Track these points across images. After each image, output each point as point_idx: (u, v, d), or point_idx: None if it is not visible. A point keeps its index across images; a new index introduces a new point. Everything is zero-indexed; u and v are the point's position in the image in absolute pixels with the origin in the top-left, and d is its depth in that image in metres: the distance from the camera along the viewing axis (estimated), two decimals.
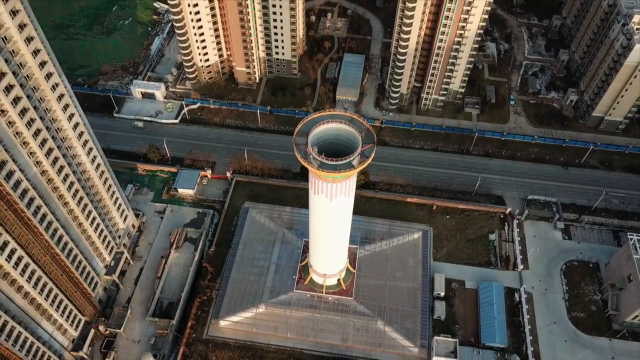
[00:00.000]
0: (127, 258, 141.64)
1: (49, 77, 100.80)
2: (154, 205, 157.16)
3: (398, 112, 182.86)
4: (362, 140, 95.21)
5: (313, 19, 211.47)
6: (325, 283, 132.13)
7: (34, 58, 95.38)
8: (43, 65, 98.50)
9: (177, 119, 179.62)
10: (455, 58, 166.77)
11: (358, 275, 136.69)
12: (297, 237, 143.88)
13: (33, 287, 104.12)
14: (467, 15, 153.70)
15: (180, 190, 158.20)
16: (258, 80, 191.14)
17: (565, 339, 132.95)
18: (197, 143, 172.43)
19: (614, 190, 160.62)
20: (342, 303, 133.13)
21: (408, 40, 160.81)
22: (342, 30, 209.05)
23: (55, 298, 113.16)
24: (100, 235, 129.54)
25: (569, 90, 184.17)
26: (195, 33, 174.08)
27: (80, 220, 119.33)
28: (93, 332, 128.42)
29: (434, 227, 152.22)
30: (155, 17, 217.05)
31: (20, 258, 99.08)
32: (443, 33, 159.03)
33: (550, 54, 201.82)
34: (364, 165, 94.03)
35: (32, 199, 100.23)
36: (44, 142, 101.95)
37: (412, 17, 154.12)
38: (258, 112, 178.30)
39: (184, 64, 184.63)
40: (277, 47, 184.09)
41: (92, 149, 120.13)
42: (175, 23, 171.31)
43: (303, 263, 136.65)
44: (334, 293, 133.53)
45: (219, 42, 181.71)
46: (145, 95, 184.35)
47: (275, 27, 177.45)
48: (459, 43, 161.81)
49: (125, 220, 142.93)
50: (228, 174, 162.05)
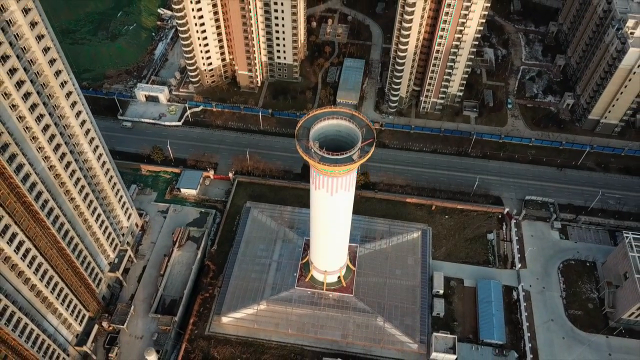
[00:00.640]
0: (130, 256, 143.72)
1: (58, 74, 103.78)
2: (157, 205, 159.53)
3: (397, 115, 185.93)
4: (362, 136, 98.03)
5: (314, 25, 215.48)
6: (326, 280, 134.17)
7: (44, 55, 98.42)
8: (53, 63, 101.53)
9: (180, 122, 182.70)
10: (454, 62, 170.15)
11: (358, 273, 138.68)
12: (298, 235, 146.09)
13: (40, 279, 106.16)
14: (464, 20, 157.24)
15: (183, 191, 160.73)
16: (260, 84, 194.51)
17: (563, 336, 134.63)
18: (200, 145, 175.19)
19: (610, 192, 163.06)
20: (342, 300, 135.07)
21: (407, 44, 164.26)
22: (342, 36, 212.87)
23: (61, 292, 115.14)
24: (105, 232, 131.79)
25: (566, 94, 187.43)
26: (199, 37, 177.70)
27: (86, 217, 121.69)
28: (97, 327, 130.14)
29: (433, 226, 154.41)
30: (159, 23, 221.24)
31: (28, 250, 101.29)
32: (441, 37, 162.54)
33: (547, 59, 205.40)
34: (364, 160, 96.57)
35: (40, 193, 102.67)
36: (52, 137, 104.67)
37: (411, 20, 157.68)
38: (260, 114, 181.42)
39: (188, 68, 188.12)
40: (278, 51, 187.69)
41: (98, 147, 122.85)
42: (179, 27, 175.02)
43: (304, 261, 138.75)
44: (335, 290, 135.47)
45: (222, 46, 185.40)
46: (149, 98, 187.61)
47: (277, 31, 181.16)
48: (457, 47, 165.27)
49: (129, 219, 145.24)
50: (230, 175, 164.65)
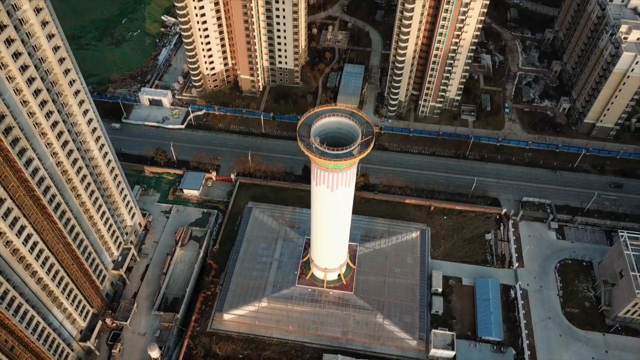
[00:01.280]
0: (134, 254, 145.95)
1: (67, 72, 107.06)
2: (160, 206, 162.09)
3: (397, 119, 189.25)
4: (362, 133, 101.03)
5: (315, 32, 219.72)
6: (326, 278, 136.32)
7: (54, 53, 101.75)
8: (62, 62, 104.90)
9: (183, 125, 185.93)
10: (451, 66, 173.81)
11: (358, 272, 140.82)
12: (298, 235, 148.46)
13: (46, 273, 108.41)
14: (461, 24, 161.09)
15: (186, 191, 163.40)
16: (262, 89, 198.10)
17: (560, 334, 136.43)
18: (202, 147, 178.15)
19: (606, 193, 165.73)
20: (342, 297, 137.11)
21: (406, 49, 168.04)
22: (342, 42, 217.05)
23: (66, 287, 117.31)
24: (109, 230, 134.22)
25: (562, 99, 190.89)
26: (202, 42, 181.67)
27: (91, 213, 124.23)
28: (100, 324, 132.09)
29: (432, 227, 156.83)
30: (163, 29, 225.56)
31: (36, 243, 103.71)
32: (439, 42, 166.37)
33: (544, 65, 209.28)
34: (364, 154, 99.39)
35: (48, 187, 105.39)
36: (61, 134, 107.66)
37: (409, 25, 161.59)
38: (262, 118, 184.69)
39: (191, 72, 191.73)
40: (280, 56, 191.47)
41: (104, 145, 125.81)
42: (183, 32, 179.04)
43: (304, 259, 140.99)
44: (335, 288, 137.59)
45: (225, 51, 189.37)
46: (153, 102, 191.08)
47: (279, 37, 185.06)
48: (455, 51, 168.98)
49: (133, 218, 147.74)
50: (232, 176, 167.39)
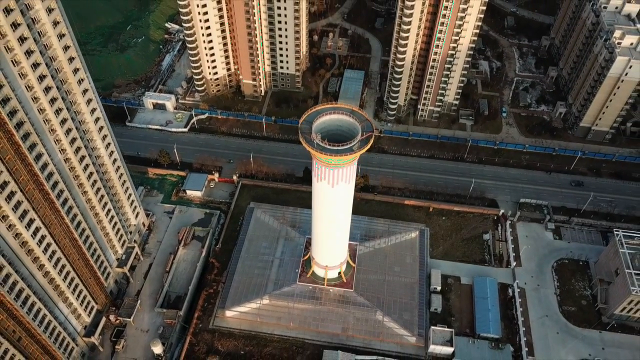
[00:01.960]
0: (137, 253, 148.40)
1: (76, 72, 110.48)
2: (164, 206, 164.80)
3: (396, 122, 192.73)
4: (362, 130, 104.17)
5: (316, 39, 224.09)
6: (327, 276, 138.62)
7: (64, 52, 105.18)
8: (72, 61, 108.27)
9: (186, 128, 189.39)
10: (449, 71, 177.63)
11: (358, 270, 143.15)
12: (299, 234, 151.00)
13: (53, 266, 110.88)
14: (459, 29, 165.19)
15: (189, 192, 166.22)
16: (263, 93, 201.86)
17: (557, 331, 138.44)
18: (205, 150, 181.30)
19: (602, 195, 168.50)
20: (342, 295, 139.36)
21: (405, 53, 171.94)
22: (343, 49, 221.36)
23: (72, 281, 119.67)
24: (114, 228, 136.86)
25: (558, 103, 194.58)
26: (206, 47, 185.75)
27: (97, 210, 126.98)
28: (104, 320, 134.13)
29: (431, 227, 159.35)
30: (167, 36, 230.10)
31: (44, 237, 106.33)
32: (437, 46, 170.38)
33: (540, 71, 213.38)
34: (364, 150, 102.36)
35: (56, 183, 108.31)
36: (69, 131, 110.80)
37: (408, 30, 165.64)
38: (263, 121, 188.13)
39: (194, 77, 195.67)
40: (282, 62, 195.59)
41: (110, 144, 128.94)
42: (187, 38, 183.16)
43: (305, 258, 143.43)
44: (335, 285, 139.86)
45: (227, 56, 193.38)
46: (157, 106, 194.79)
47: (281, 42, 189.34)
48: (452, 56, 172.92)
49: (137, 217, 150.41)
50: (234, 178, 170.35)
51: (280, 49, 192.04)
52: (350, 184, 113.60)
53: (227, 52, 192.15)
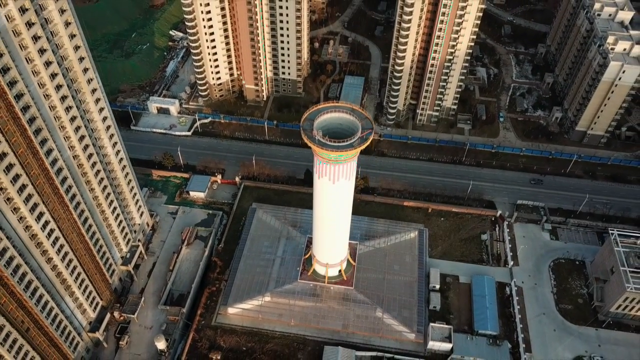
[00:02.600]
0: (141, 252, 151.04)
1: (86, 71, 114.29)
2: (167, 207, 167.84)
3: (395, 127, 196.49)
4: (362, 127, 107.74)
5: (317, 46, 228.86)
6: (328, 274, 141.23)
7: (75, 52, 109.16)
8: (82, 60, 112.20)
9: (189, 132, 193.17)
10: (447, 76, 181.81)
11: (358, 269, 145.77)
12: (300, 234, 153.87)
13: (61, 260, 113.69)
14: (456, 36, 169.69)
15: (192, 193, 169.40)
16: (266, 98, 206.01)
17: (554, 329, 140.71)
18: (208, 153, 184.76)
19: (598, 197, 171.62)
20: (343, 292, 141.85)
21: (404, 58, 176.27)
22: (343, 56, 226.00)
23: (79, 276, 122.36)
24: (119, 226, 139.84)
25: (554, 108, 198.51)
26: (209, 53, 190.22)
27: (103, 208, 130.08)
28: (109, 316, 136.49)
29: (430, 228, 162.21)
30: (171, 43, 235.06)
31: (52, 230, 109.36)
32: (435, 52, 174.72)
33: (537, 78, 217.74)
34: (364, 146, 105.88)
35: (65, 178, 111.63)
36: (78, 128, 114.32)
37: (407, 36, 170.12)
38: (265, 125, 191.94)
39: (198, 82, 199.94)
40: (284, 68, 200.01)
41: (117, 143, 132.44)
42: (192, 44, 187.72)
43: (306, 256, 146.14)
44: (336, 283, 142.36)
45: (230, 62, 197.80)
46: (161, 110, 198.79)
47: (283, 49, 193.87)
48: (450, 62, 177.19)
49: (142, 217, 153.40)
50: (237, 179, 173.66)
51: (282, 55, 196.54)
52: (351, 181, 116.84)
53: (230, 58, 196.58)
